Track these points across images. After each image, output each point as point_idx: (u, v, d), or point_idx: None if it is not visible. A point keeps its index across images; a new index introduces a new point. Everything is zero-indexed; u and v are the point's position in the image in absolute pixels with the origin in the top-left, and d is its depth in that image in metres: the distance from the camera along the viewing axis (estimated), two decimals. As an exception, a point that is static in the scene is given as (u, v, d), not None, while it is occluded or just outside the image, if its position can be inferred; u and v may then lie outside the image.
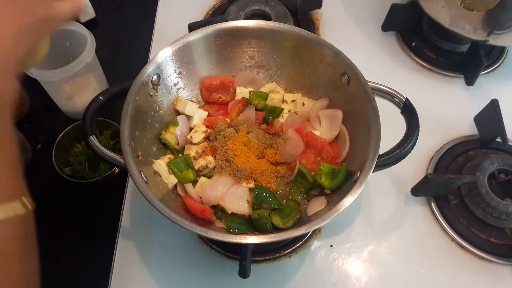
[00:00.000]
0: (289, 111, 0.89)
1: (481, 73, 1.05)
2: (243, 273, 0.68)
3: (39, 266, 0.51)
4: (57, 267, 0.89)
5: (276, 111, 0.86)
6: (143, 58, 1.10)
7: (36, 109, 1.08)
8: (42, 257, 0.89)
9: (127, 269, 0.83)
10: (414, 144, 0.72)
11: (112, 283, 0.82)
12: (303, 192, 0.80)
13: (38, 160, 1.00)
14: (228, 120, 0.87)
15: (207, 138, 0.84)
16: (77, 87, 1.01)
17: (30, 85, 1.07)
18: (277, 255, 0.84)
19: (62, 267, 0.89)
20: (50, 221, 0.94)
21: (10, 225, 0.47)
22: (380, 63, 1.10)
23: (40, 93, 1.11)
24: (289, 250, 0.84)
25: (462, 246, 0.85)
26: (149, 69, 0.79)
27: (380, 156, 0.70)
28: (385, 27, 1.15)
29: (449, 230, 0.87)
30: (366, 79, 0.77)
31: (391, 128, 0.73)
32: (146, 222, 0.87)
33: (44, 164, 0.96)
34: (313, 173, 0.78)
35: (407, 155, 0.72)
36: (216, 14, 1.17)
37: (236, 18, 1.10)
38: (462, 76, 1.07)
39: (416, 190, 0.89)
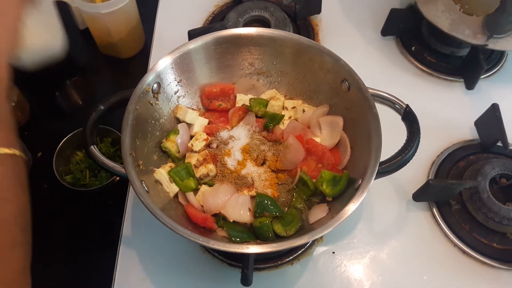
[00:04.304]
0: (290, 118, 0.89)
1: (481, 77, 1.05)
2: (245, 281, 0.67)
3: (29, 205, 0.56)
4: (58, 277, 0.89)
5: (276, 118, 0.86)
6: (143, 65, 1.11)
7: (37, 117, 1.08)
8: (42, 267, 0.89)
9: (128, 278, 0.83)
10: (415, 151, 0.72)
11: (114, 292, 0.82)
12: (305, 200, 0.79)
13: (39, 168, 1.00)
14: (229, 128, 0.87)
15: (208, 146, 0.84)
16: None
17: (30, 93, 1.08)
18: (279, 262, 0.84)
19: (63, 276, 0.89)
20: (51, 230, 0.94)
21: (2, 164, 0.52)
22: (380, 68, 1.11)
23: (40, 101, 1.12)
24: (291, 257, 0.84)
25: (464, 251, 0.85)
26: (149, 78, 0.79)
27: (381, 163, 0.70)
28: (385, 31, 1.15)
29: (451, 235, 0.86)
30: (366, 84, 0.77)
31: (392, 134, 0.73)
32: (148, 231, 0.87)
33: (44, 173, 0.96)
34: (314, 180, 0.78)
35: (409, 162, 0.72)
36: (216, 21, 1.17)
37: (236, 24, 1.10)
38: (462, 80, 1.07)
39: (418, 196, 0.89)
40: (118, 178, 0.95)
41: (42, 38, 0.90)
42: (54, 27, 0.95)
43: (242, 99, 0.89)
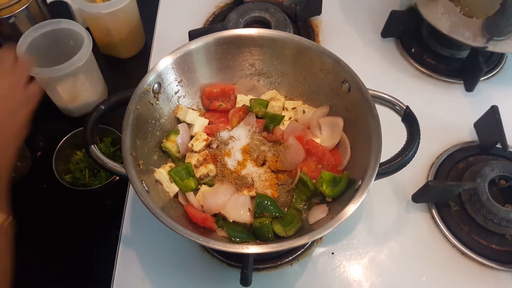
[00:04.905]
0: (290, 118, 0.89)
1: (481, 79, 1.05)
2: (245, 281, 0.67)
3: (11, 266, 0.62)
4: (57, 276, 0.89)
5: (276, 119, 0.86)
6: (143, 65, 1.11)
7: (37, 117, 1.07)
8: (42, 266, 0.90)
9: (128, 278, 0.83)
10: (415, 152, 0.72)
11: (114, 292, 0.82)
12: (305, 200, 0.80)
13: (38, 168, 1.00)
14: (229, 128, 0.87)
15: (208, 146, 0.84)
16: (70, 88, 1.01)
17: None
18: (279, 263, 0.84)
19: (62, 275, 0.89)
20: (51, 229, 0.94)
21: None
22: (380, 69, 1.11)
23: (40, 101, 1.11)
24: (291, 257, 0.84)
25: (463, 253, 0.85)
26: (150, 78, 0.79)
27: (381, 164, 0.70)
28: (385, 33, 1.15)
29: (450, 237, 0.87)
30: (366, 85, 0.77)
31: (391, 135, 0.74)
32: (147, 230, 0.87)
33: (44, 172, 0.96)
34: (314, 181, 0.78)
35: (409, 163, 0.72)
36: (216, 21, 1.18)
37: (236, 25, 1.10)
38: (462, 82, 1.07)
39: (417, 197, 0.89)
40: (117, 177, 0.95)
41: (88, 94, 1.05)
42: (98, 83, 1.08)
43: (243, 99, 0.89)
